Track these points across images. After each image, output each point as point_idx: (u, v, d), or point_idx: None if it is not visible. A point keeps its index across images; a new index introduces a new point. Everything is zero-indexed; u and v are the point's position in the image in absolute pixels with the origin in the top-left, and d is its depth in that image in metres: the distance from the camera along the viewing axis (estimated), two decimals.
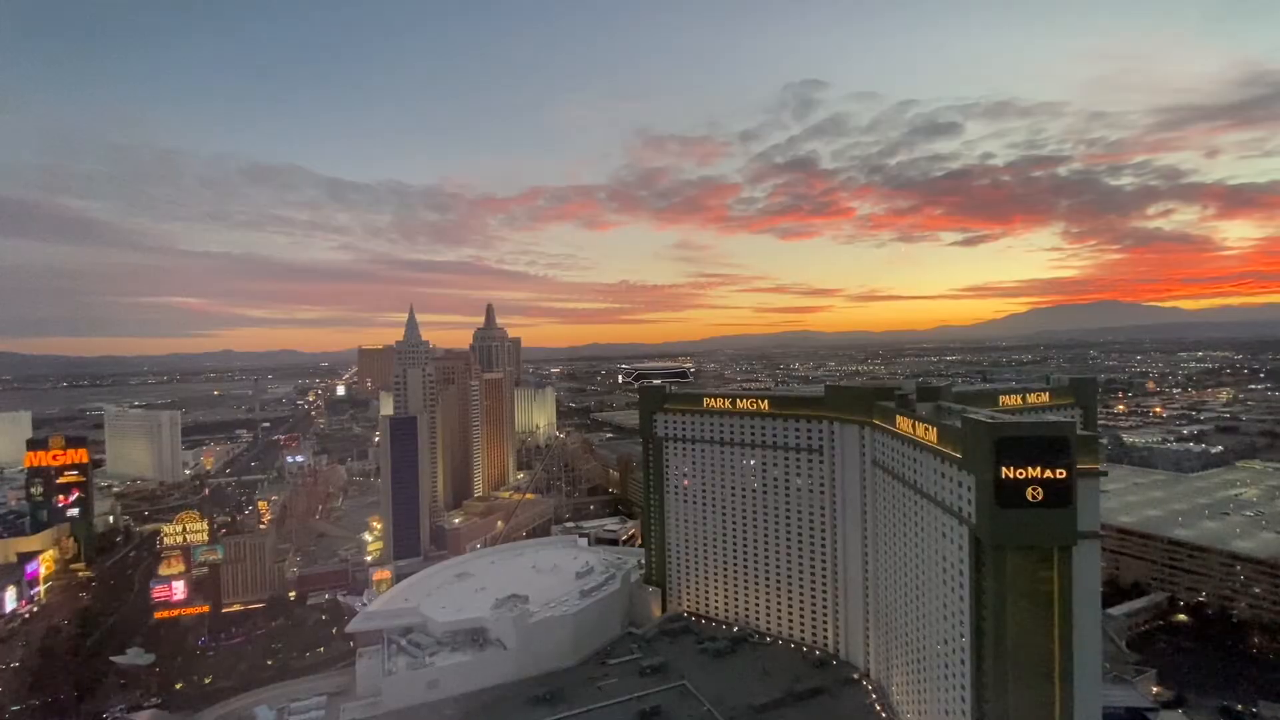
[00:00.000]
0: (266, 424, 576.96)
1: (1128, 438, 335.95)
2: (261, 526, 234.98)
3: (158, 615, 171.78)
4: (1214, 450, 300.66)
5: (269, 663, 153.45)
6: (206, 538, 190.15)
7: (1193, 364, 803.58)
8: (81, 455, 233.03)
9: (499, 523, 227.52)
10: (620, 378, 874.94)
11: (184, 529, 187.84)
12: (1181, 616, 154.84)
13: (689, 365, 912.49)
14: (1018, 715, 76.55)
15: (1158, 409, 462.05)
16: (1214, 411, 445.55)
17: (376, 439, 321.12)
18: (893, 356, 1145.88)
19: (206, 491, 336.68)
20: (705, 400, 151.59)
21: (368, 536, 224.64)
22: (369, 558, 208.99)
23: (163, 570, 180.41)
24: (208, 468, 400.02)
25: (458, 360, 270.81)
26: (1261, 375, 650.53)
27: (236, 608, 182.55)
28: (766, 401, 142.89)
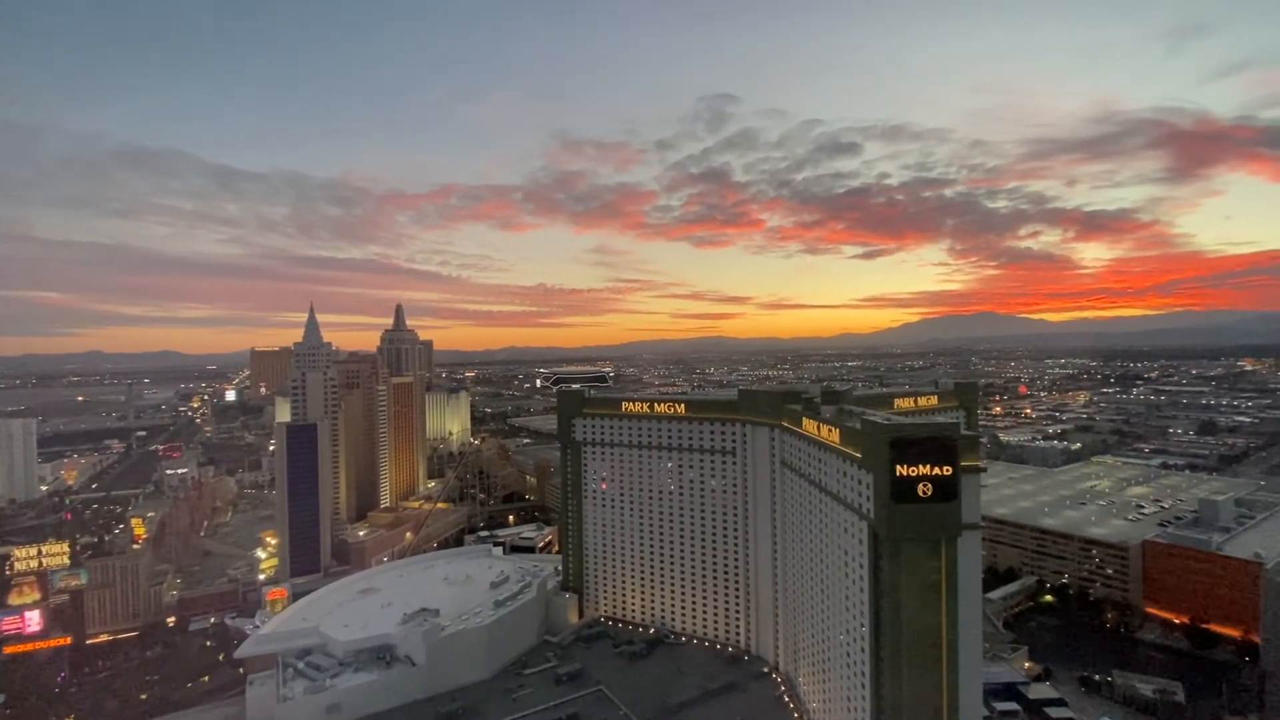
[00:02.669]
0: (142, 432, 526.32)
1: (1003, 436, 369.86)
2: (135, 546, 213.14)
3: (7, 650, 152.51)
4: (1074, 447, 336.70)
5: (143, 697, 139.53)
6: (68, 561, 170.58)
7: (1056, 370, 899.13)
8: None
9: (408, 534, 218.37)
10: (539, 382, 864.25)
11: (40, 552, 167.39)
12: (1049, 597, 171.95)
13: (608, 370, 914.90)
14: (911, 697, 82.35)
15: (1028, 410, 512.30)
16: (1074, 412, 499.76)
17: (272, 448, 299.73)
18: (800, 362, 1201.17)
19: (68, 514, 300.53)
20: (624, 404, 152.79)
21: (261, 553, 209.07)
22: (262, 576, 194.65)
23: (13, 599, 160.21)
24: (70, 483, 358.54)
25: (363, 363, 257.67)
26: (1112, 380, 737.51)
27: (104, 638, 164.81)
28: (683, 405, 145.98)
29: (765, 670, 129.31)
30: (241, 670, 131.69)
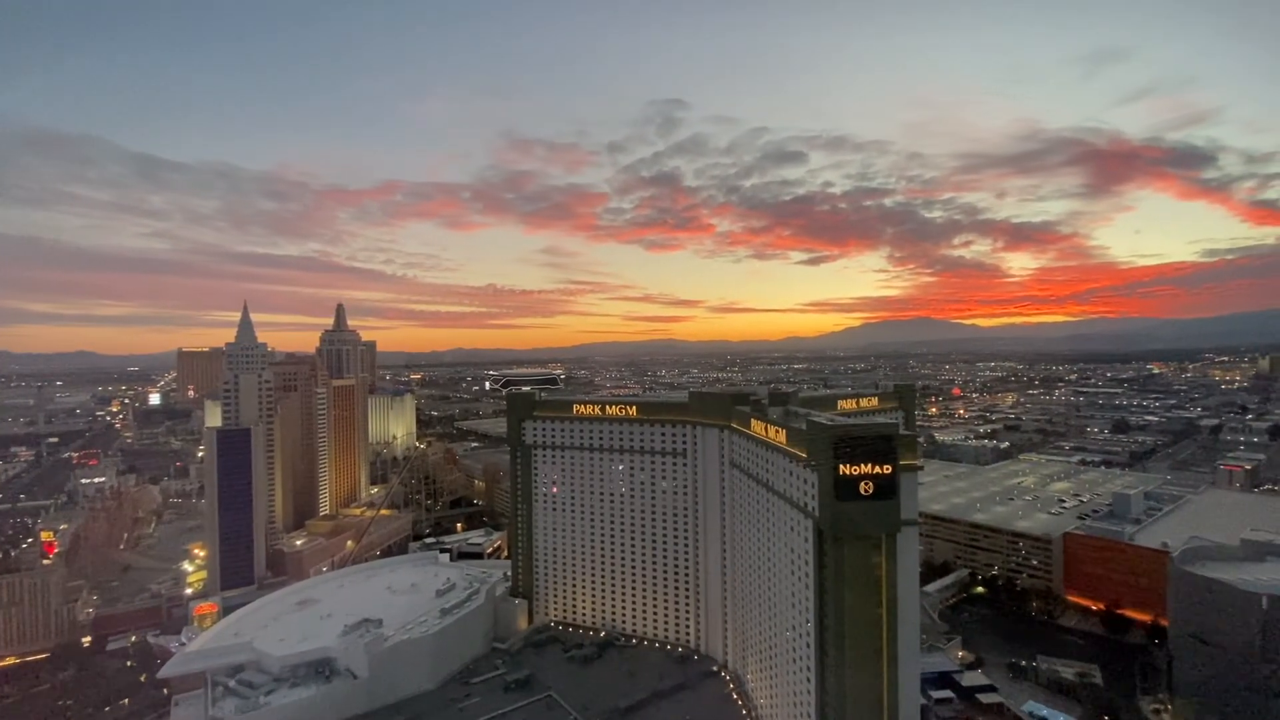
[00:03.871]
0: (54, 439, 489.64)
1: (939, 436, 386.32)
2: (45, 561, 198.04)
3: None
4: (1002, 446, 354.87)
5: None
6: None
7: (987, 373, 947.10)
8: None
9: (349, 542, 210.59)
10: (488, 385, 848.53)
11: None
12: (980, 589, 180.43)
13: (559, 372, 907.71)
14: (853, 688, 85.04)
15: (961, 411, 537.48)
16: (1003, 413, 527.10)
17: (200, 454, 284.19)
18: (748, 364, 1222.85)
19: None
20: (575, 407, 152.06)
21: (188, 566, 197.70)
22: (189, 590, 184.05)
23: None
24: None
25: (301, 365, 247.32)
26: (1037, 383, 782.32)
27: (10, 661, 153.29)
28: (634, 407, 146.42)
29: (714, 669, 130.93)
30: (166, 691, 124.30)
